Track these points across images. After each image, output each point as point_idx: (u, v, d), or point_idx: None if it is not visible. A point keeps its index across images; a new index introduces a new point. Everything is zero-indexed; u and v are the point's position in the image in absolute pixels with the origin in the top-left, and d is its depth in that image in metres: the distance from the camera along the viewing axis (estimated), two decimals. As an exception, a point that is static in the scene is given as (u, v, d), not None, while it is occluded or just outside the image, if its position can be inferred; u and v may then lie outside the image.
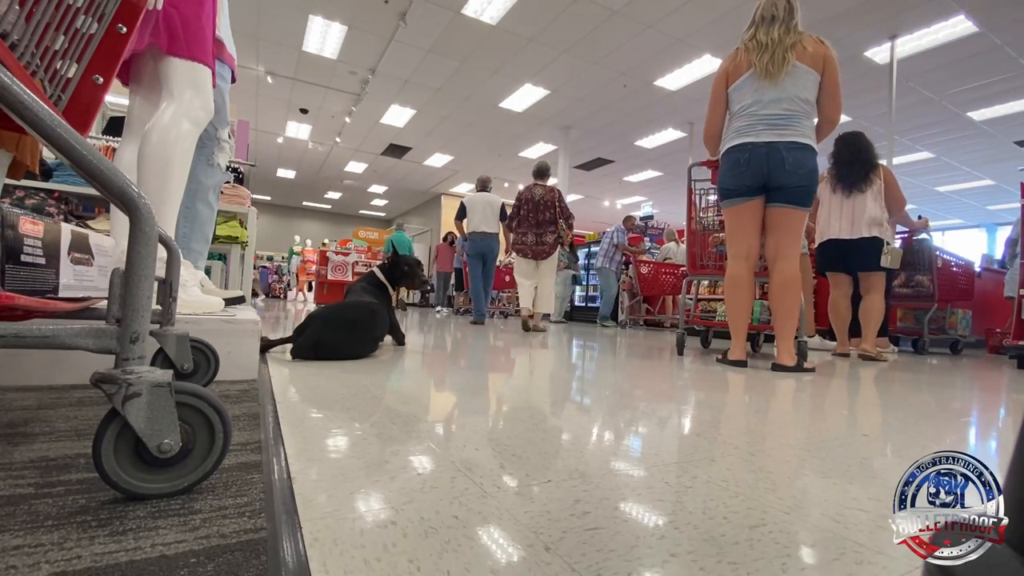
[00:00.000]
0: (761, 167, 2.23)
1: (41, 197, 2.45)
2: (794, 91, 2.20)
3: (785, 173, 2.20)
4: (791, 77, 2.20)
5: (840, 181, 3.51)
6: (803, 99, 2.21)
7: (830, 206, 3.60)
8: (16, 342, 0.53)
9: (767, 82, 2.22)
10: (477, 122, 9.76)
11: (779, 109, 2.21)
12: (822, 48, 2.22)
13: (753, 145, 2.24)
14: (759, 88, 2.24)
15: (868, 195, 3.41)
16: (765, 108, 2.23)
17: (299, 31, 6.77)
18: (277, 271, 15.38)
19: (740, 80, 2.31)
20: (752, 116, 2.26)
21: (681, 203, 12.08)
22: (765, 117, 2.23)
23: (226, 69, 1.73)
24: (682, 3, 5.68)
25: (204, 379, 1.12)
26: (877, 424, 1.28)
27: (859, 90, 7.15)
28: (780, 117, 2.21)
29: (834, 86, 2.23)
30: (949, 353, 4.51)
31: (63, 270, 0.92)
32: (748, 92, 2.28)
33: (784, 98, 2.21)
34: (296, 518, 0.54)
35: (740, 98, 2.32)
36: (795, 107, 2.20)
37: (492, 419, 1.08)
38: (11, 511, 0.50)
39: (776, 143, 2.20)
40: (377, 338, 2.16)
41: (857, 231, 3.43)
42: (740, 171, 2.28)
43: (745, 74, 2.29)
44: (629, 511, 0.61)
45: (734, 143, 2.32)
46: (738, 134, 2.31)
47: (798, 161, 2.19)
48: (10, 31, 0.58)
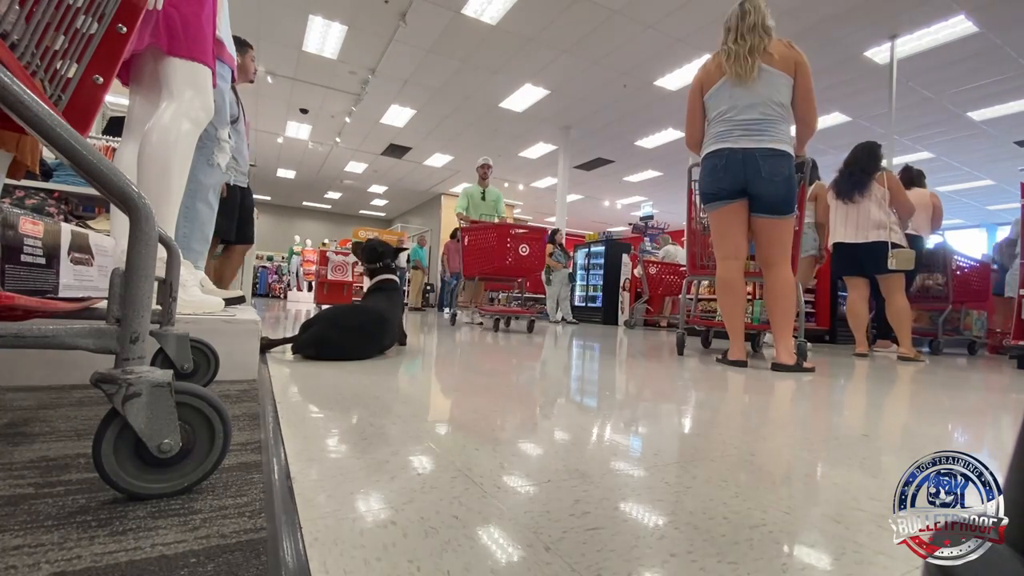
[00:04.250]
0: (739, 173, 2.27)
1: (41, 197, 2.45)
2: (767, 95, 2.23)
3: (762, 181, 2.24)
4: (763, 81, 2.23)
5: (840, 188, 3.65)
6: (777, 103, 2.24)
7: (836, 213, 3.71)
8: (16, 342, 0.53)
9: (740, 88, 2.26)
10: (477, 122, 9.75)
11: (755, 114, 2.24)
12: (792, 52, 2.25)
13: (730, 151, 2.28)
14: (733, 94, 2.28)
15: (872, 201, 3.50)
16: (741, 113, 2.27)
17: (299, 31, 6.77)
18: (277, 271, 15.39)
19: (715, 87, 2.35)
20: (729, 121, 2.30)
21: (681, 203, 12.08)
22: (741, 122, 2.27)
23: (226, 69, 1.73)
24: (682, 3, 5.68)
25: (204, 379, 1.12)
26: (877, 424, 1.28)
27: (859, 90, 7.15)
28: (756, 122, 2.24)
29: (806, 89, 2.26)
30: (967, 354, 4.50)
31: (63, 270, 0.92)
32: (724, 98, 2.32)
33: (758, 103, 2.24)
34: (296, 518, 0.54)
35: (716, 104, 2.36)
36: (770, 112, 2.24)
37: (492, 418, 1.08)
38: (11, 511, 0.50)
39: (752, 150, 2.24)
40: (385, 346, 2.11)
41: (863, 235, 3.52)
42: (719, 176, 2.33)
43: (719, 82, 2.33)
44: (629, 511, 0.61)
45: (712, 149, 2.36)
46: (716, 139, 2.35)
47: (774, 168, 2.23)
48: (10, 31, 0.58)
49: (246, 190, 3.21)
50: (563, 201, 9.84)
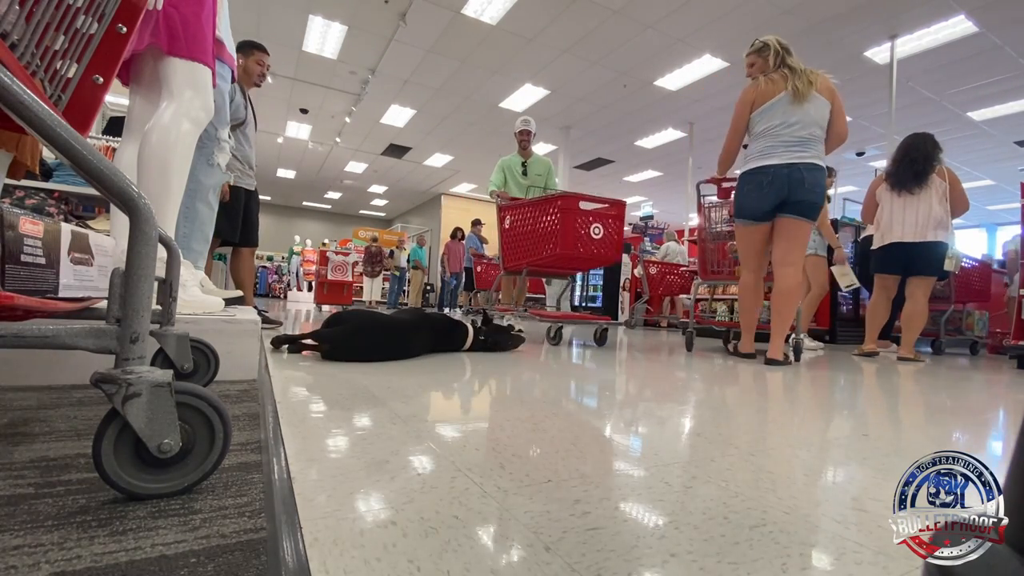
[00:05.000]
0: (783, 186, 2.51)
1: (41, 197, 2.45)
2: (815, 116, 2.49)
3: (804, 190, 2.49)
4: (812, 104, 2.49)
5: (899, 179, 3.42)
6: (820, 125, 2.52)
7: (892, 208, 3.49)
8: (16, 342, 0.52)
9: (795, 105, 2.49)
10: (477, 122, 9.76)
11: (802, 132, 2.49)
12: (828, 81, 2.56)
13: (775, 167, 2.52)
14: (786, 111, 2.51)
15: (933, 196, 3.32)
16: (788, 128, 2.50)
17: (299, 31, 6.77)
18: (277, 271, 15.40)
19: (769, 103, 2.55)
20: (775, 137, 2.52)
21: (681, 203, 12.09)
22: (786, 139, 2.50)
23: (226, 69, 1.73)
24: (682, 3, 5.68)
25: (204, 379, 1.12)
26: (878, 423, 1.28)
27: (859, 90, 7.16)
28: (800, 140, 2.49)
29: (841, 108, 2.57)
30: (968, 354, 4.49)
31: (63, 270, 0.92)
32: (777, 114, 2.53)
33: (806, 123, 2.49)
34: (296, 518, 0.54)
35: (768, 119, 2.55)
36: (813, 132, 2.50)
37: (492, 418, 1.08)
38: (11, 511, 0.50)
39: (796, 164, 2.49)
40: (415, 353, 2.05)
41: (922, 234, 3.33)
42: (764, 192, 2.54)
43: (774, 98, 2.53)
44: (629, 511, 0.61)
45: (758, 165, 2.57)
46: (761, 156, 2.57)
47: (815, 180, 2.50)
48: (10, 31, 0.58)
49: (252, 193, 3.20)
50: (563, 201, 9.82)
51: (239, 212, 3.06)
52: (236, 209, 3.02)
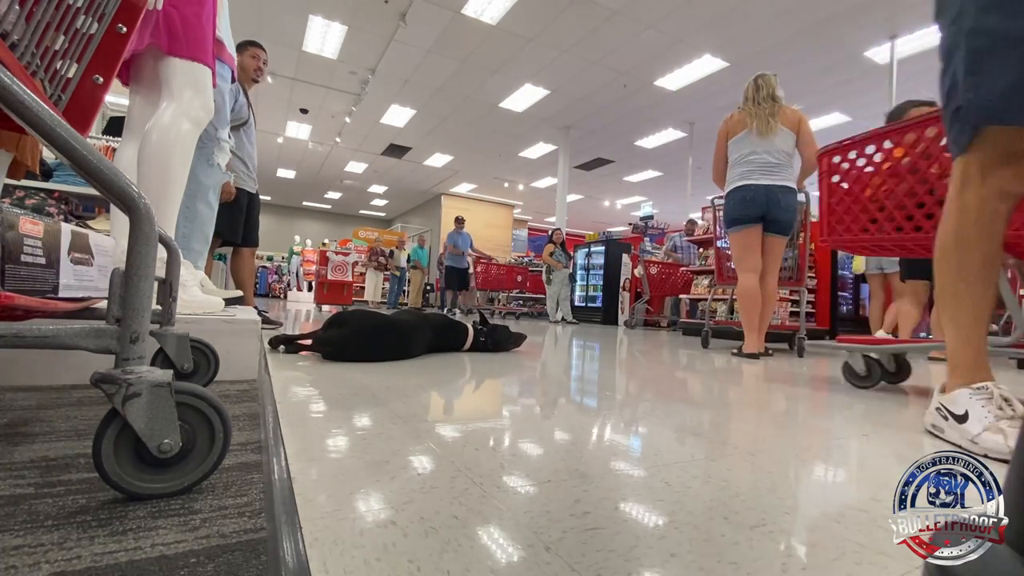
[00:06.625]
0: (762, 203, 2.91)
1: (41, 197, 2.46)
2: (780, 146, 2.93)
3: (780, 210, 2.92)
4: (777, 136, 2.92)
5: None
6: (786, 152, 2.95)
7: None
8: (16, 342, 0.52)
9: (760, 138, 2.93)
10: (477, 122, 9.76)
11: (771, 159, 2.93)
12: (796, 114, 2.98)
13: (756, 186, 2.93)
14: (754, 143, 2.96)
15: None
16: (760, 157, 2.94)
17: (299, 31, 6.78)
18: (277, 271, 15.41)
19: (740, 135, 3.01)
20: (751, 163, 2.96)
21: (681, 203, 12.09)
22: (761, 165, 2.93)
23: (226, 69, 1.73)
24: (682, 3, 5.68)
25: (204, 379, 1.12)
26: (878, 423, 1.28)
27: (859, 90, 7.16)
28: (772, 165, 2.92)
29: (809, 137, 2.96)
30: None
31: (63, 270, 0.92)
32: (746, 145, 2.99)
33: (773, 151, 2.92)
34: (296, 518, 0.54)
35: (740, 148, 3.01)
36: (781, 159, 2.93)
37: (493, 418, 1.08)
38: (11, 511, 0.50)
39: (772, 186, 2.90)
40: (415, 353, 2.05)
41: None
42: (747, 205, 2.94)
43: (742, 132, 2.99)
44: (629, 511, 0.61)
45: (739, 184, 2.97)
46: (742, 177, 2.98)
47: (789, 201, 2.94)
48: (10, 31, 0.58)
49: (254, 195, 3.20)
50: (563, 201, 9.84)
51: (240, 212, 3.06)
52: (237, 209, 3.03)
